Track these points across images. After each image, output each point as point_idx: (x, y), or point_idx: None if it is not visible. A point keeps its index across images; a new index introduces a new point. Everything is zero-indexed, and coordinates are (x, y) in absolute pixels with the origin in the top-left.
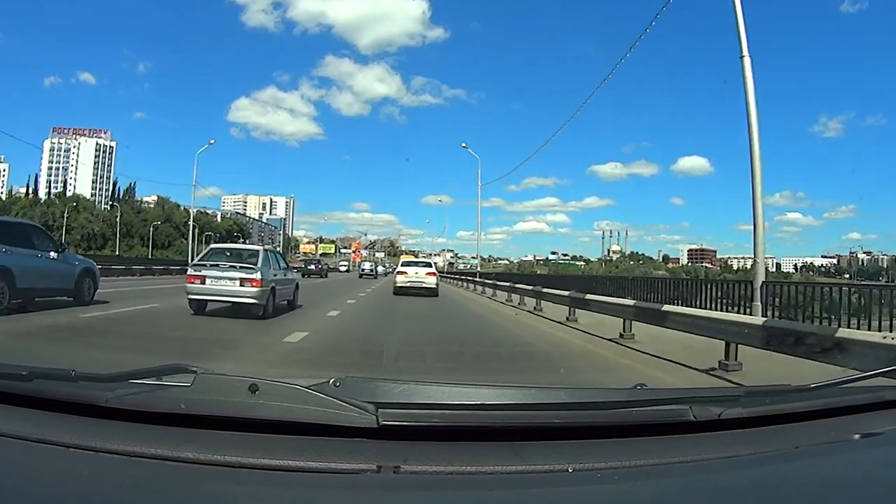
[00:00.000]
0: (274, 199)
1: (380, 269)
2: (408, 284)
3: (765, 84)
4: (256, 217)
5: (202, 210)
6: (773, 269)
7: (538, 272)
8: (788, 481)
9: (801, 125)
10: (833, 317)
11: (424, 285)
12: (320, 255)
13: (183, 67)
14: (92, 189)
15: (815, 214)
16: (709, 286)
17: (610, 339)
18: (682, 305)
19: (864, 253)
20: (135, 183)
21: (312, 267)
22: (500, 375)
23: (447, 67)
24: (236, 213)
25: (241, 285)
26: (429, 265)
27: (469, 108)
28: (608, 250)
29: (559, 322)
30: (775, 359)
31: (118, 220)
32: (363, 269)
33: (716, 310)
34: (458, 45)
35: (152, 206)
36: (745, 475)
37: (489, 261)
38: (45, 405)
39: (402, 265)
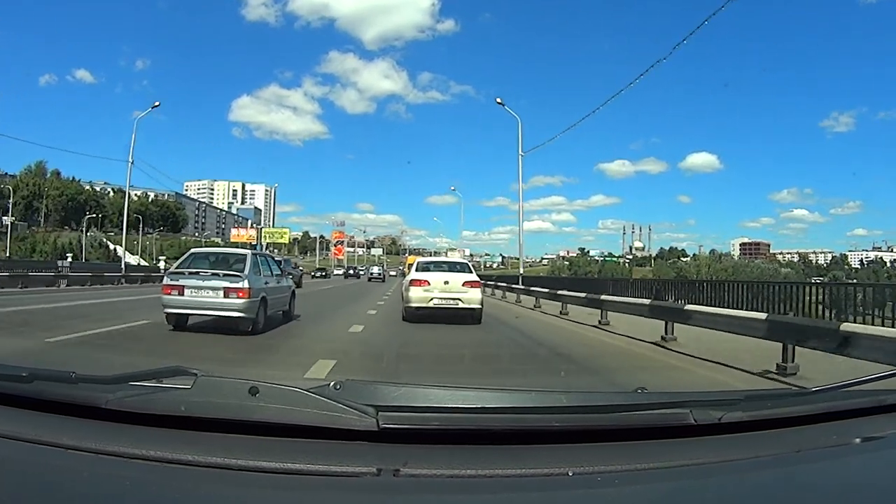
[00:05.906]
0: (249, 186)
1: (392, 272)
2: (431, 304)
3: (775, 79)
4: (225, 207)
5: (110, 187)
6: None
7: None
8: (790, 485)
9: (811, 120)
10: None
11: (461, 304)
12: (267, 244)
13: (182, 63)
14: None
15: (822, 211)
16: None
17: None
18: None
19: None
20: None
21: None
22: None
23: (455, 62)
24: (180, 194)
25: (225, 296)
26: (466, 268)
27: (477, 105)
28: (630, 247)
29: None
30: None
31: None
32: (371, 273)
33: None
34: (468, 38)
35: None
36: (746, 479)
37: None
38: (45, 407)
39: (417, 269)
